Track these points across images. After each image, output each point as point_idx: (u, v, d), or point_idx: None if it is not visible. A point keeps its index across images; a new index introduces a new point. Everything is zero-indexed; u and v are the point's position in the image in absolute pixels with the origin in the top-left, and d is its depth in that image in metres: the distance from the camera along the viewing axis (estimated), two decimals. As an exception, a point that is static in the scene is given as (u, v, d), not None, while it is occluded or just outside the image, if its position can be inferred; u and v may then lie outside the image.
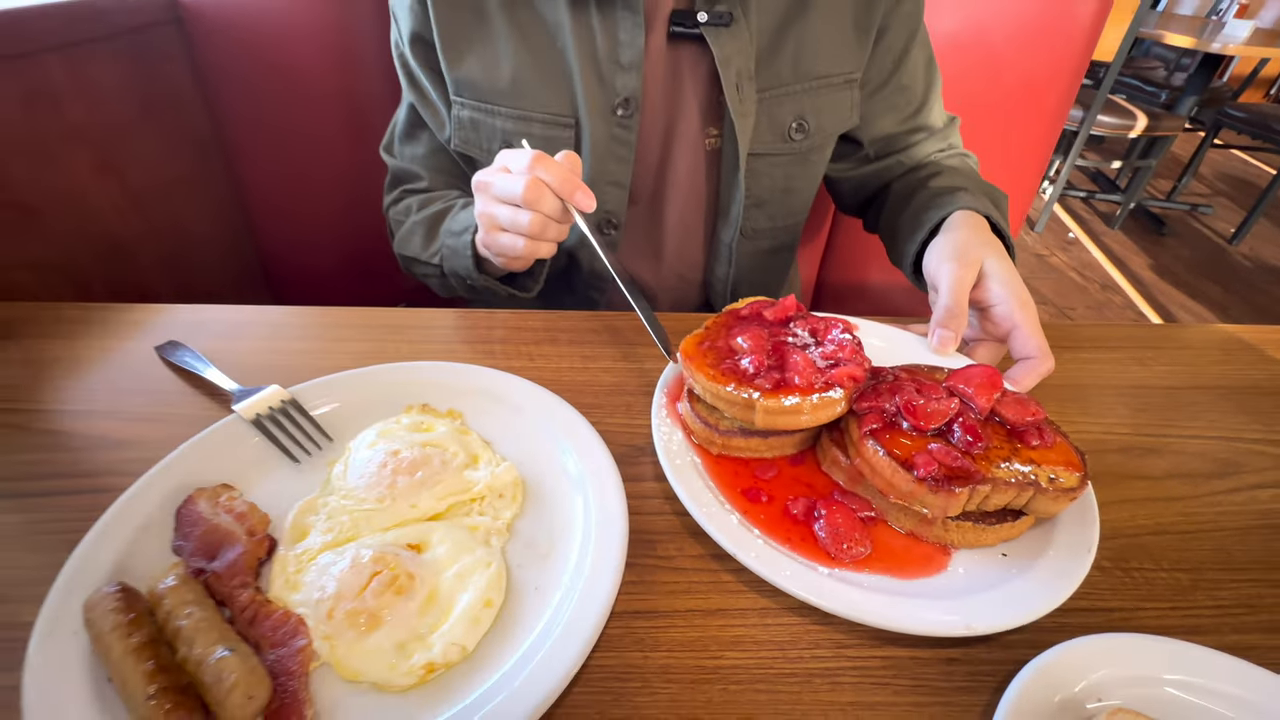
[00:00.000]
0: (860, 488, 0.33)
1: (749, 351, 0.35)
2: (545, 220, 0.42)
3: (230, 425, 0.35)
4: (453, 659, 0.26)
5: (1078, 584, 0.29)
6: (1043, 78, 0.88)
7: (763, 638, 0.29)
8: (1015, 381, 0.39)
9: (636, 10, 0.49)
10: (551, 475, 0.34)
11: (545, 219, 0.42)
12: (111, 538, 0.28)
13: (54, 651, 0.24)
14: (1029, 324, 0.41)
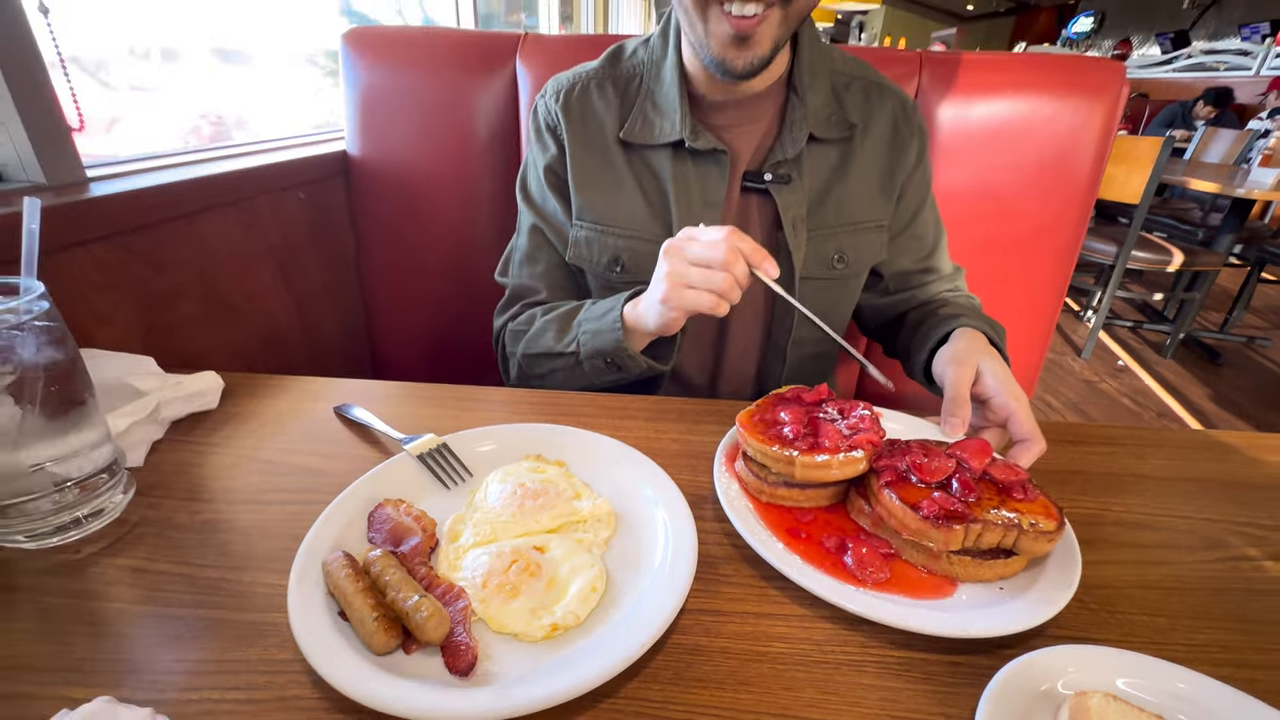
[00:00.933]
0: (881, 530, 0.42)
1: (790, 422, 0.46)
2: (734, 282, 0.52)
3: (401, 460, 0.48)
4: (569, 624, 0.35)
5: (1060, 608, 0.36)
6: (1050, 221, 1.01)
7: (801, 635, 0.37)
8: (1014, 460, 0.48)
9: (722, 165, 0.66)
10: (637, 509, 0.45)
11: (734, 281, 0.52)
12: (329, 527, 0.40)
13: (303, 595, 0.35)
14: (1022, 412, 0.50)
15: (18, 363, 0.38)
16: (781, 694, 0.33)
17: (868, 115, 0.69)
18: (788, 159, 0.66)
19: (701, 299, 0.53)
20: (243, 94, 1.44)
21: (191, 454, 0.52)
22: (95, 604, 0.38)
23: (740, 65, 0.58)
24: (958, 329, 0.62)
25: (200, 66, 1.33)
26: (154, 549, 0.42)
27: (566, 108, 0.70)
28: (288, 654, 0.34)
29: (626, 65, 0.72)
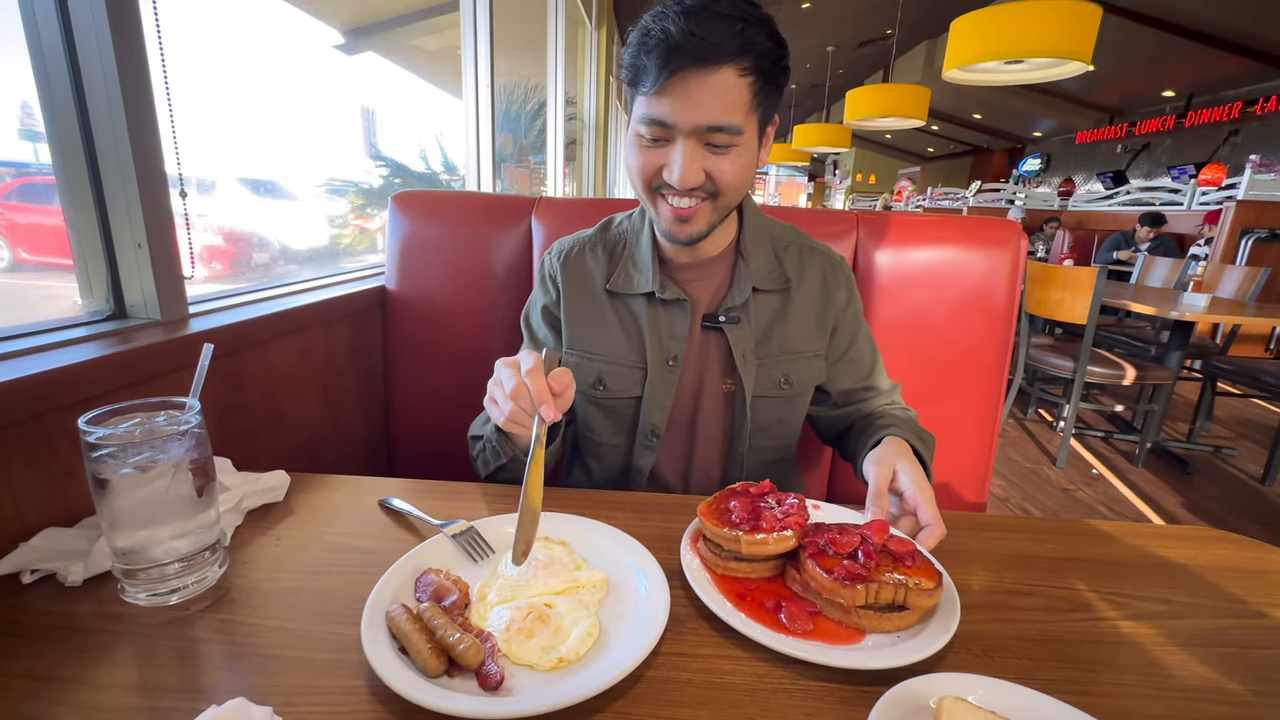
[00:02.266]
0: (808, 593, 0.55)
1: (737, 510, 0.60)
2: (519, 412, 0.62)
3: (439, 539, 0.61)
4: (572, 658, 0.47)
5: (939, 647, 0.48)
6: (977, 345, 1.20)
7: (746, 670, 0.48)
8: (922, 542, 0.61)
9: (685, 310, 0.86)
10: (624, 578, 0.57)
11: (519, 410, 0.62)
12: (387, 588, 0.52)
13: (373, 636, 0.47)
14: (927, 503, 0.64)
15: (173, 458, 0.52)
16: (730, 711, 0.45)
17: (801, 271, 0.90)
18: (736, 305, 0.86)
19: (495, 415, 0.66)
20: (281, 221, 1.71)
21: (266, 537, 0.65)
22: (207, 646, 0.49)
23: (683, 236, 0.77)
24: (885, 437, 0.78)
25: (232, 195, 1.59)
26: (246, 608, 0.54)
27: (565, 265, 0.91)
28: (359, 682, 0.45)
29: (614, 233, 0.93)
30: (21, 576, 0.55)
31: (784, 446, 0.93)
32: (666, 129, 0.69)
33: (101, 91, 0.77)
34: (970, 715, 0.40)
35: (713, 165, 0.71)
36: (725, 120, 0.67)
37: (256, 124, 1.65)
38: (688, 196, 0.73)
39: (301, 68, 2.01)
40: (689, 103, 0.67)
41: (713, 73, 0.65)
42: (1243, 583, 0.64)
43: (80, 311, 0.83)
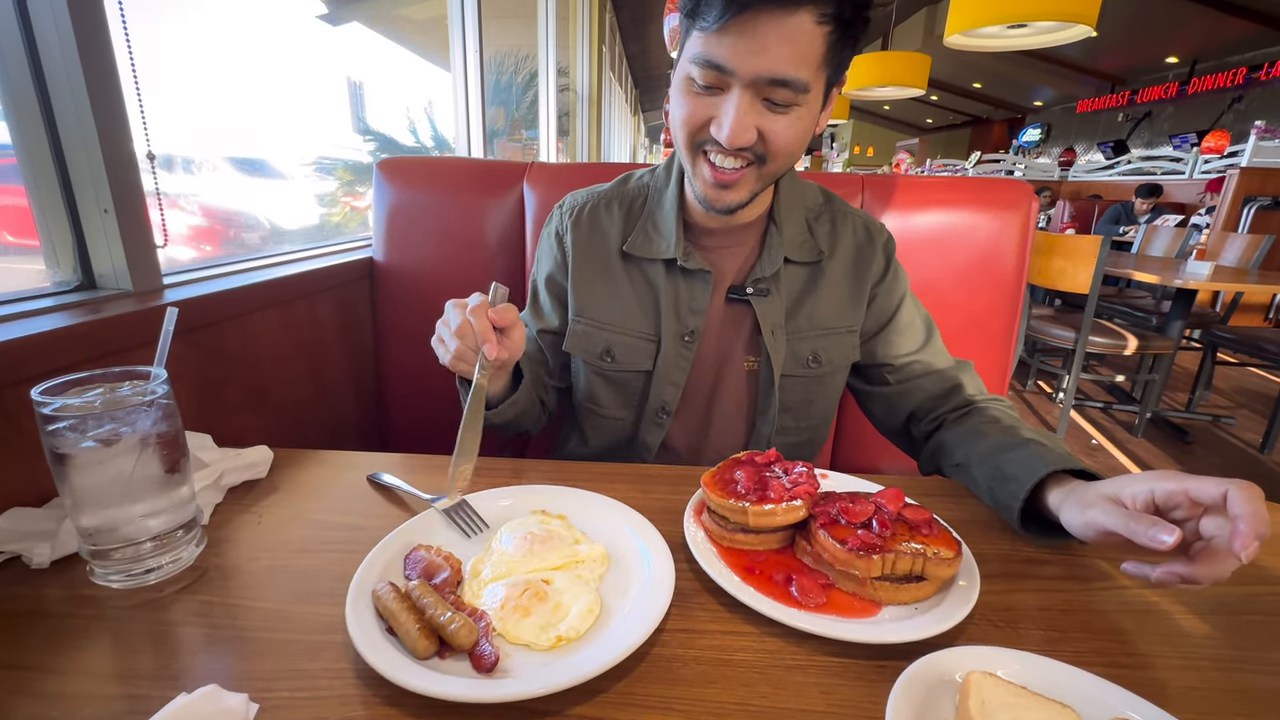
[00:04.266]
0: (820, 565, 0.52)
1: (743, 480, 0.56)
2: (464, 350, 0.62)
3: (430, 514, 0.57)
4: (571, 636, 0.44)
5: (959, 620, 0.46)
6: (983, 311, 1.17)
7: (757, 647, 0.46)
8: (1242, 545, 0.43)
9: (708, 284, 0.79)
10: (627, 552, 0.54)
11: (464, 349, 0.62)
12: (373, 566, 0.49)
13: (358, 616, 0.44)
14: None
15: (139, 431, 0.48)
16: (740, 689, 0.42)
17: (833, 242, 0.83)
18: (766, 277, 0.79)
19: (441, 355, 0.66)
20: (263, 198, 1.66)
21: (247, 514, 0.61)
22: (183, 629, 0.46)
23: (720, 205, 0.70)
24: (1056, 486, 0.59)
25: (221, 174, 1.54)
26: (224, 588, 0.51)
27: (576, 221, 0.84)
28: (344, 664, 0.43)
29: (633, 187, 0.85)
30: (-15, 559, 0.52)
31: (812, 428, 0.87)
32: (723, 75, 0.60)
33: (57, 53, 0.71)
34: (1000, 691, 0.37)
35: (768, 124, 0.63)
36: (792, 74, 0.59)
37: (239, 99, 1.58)
38: (734, 157, 0.65)
39: (284, 39, 1.92)
40: (755, 47, 0.58)
41: (789, 14, 0.56)
42: (1267, 549, 0.62)
43: (46, 282, 0.78)
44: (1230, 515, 0.44)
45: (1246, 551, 0.42)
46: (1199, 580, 0.45)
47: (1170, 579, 0.46)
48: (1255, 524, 0.43)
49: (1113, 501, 0.51)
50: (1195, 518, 0.48)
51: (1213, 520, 0.46)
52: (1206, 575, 0.45)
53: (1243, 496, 0.44)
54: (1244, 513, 0.43)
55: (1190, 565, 0.46)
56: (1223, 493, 0.45)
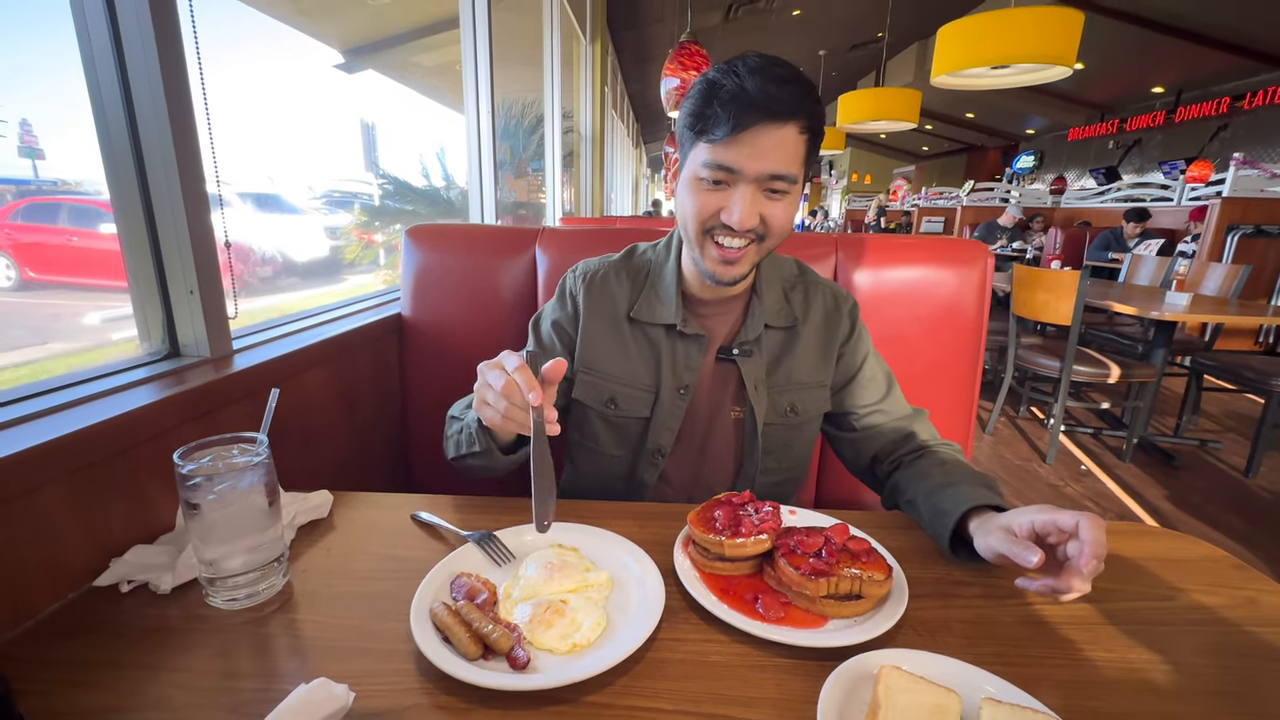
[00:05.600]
0: (781, 587, 0.65)
1: (721, 518, 0.70)
2: (514, 409, 0.65)
3: (468, 548, 0.71)
4: (584, 643, 0.57)
5: (887, 629, 0.59)
6: (948, 358, 1.31)
7: (729, 651, 0.59)
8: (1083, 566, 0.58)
9: (702, 346, 0.93)
10: (627, 578, 0.68)
11: (513, 408, 0.65)
12: (428, 589, 0.63)
13: (421, 628, 0.57)
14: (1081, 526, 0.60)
15: (249, 485, 0.62)
16: (714, 683, 0.55)
17: (806, 309, 0.97)
18: (750, 340, 0.93)
19: (490, 416, 0.68)
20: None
21: (317, 549, 0.75)
22: (283, 640, 0.60)
23: (726, 278, 0.83)
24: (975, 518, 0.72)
25: (241, 213, 1.68)
26: (310, 609, 0.64)
27: (589, 286, 0.96)
28: (411, 666, 0.56)
29: (638, 261, 0.98)
30: (120, 587, 0.65)
31: (792, 468, 1.01)
32: (731, 174, 0.75)
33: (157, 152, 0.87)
34: (902, 679, 0.50)
35: (767, 210, 0.78)
36: (785, 170, 0.75)
37: (263, 144, 1.74)
38: (740, 238, 0.79)
39: (303, 87, 2.10)
40: (757, 152, 0.74)
41: (780, 127, 0.73)
42: (1164, 570, 0.74)
43: (140, 352, 0.94)
44: (1079, 540, 0.58)
45: (1088, 568, 0.57)
46: (1063, 590, 0.59)
47: (1044, 589, 0.61)
48: (1094, 548, 0.58)
49: (1005, 530, 0.65)
50: (1063, 542, 0.62)
51: (1074, 544, 0.60)
52: (1067, 586, 0.59)
53: (1087, 525, 0.59)
54: (1087, 539, 0.59)
55: (1057, 579, 0.60)
56: (1075, 523, 0.60)
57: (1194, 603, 0.69)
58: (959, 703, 0.49)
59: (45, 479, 0.63)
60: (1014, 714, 0.47)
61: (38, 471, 0.62)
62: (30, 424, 0.68)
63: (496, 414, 0.67)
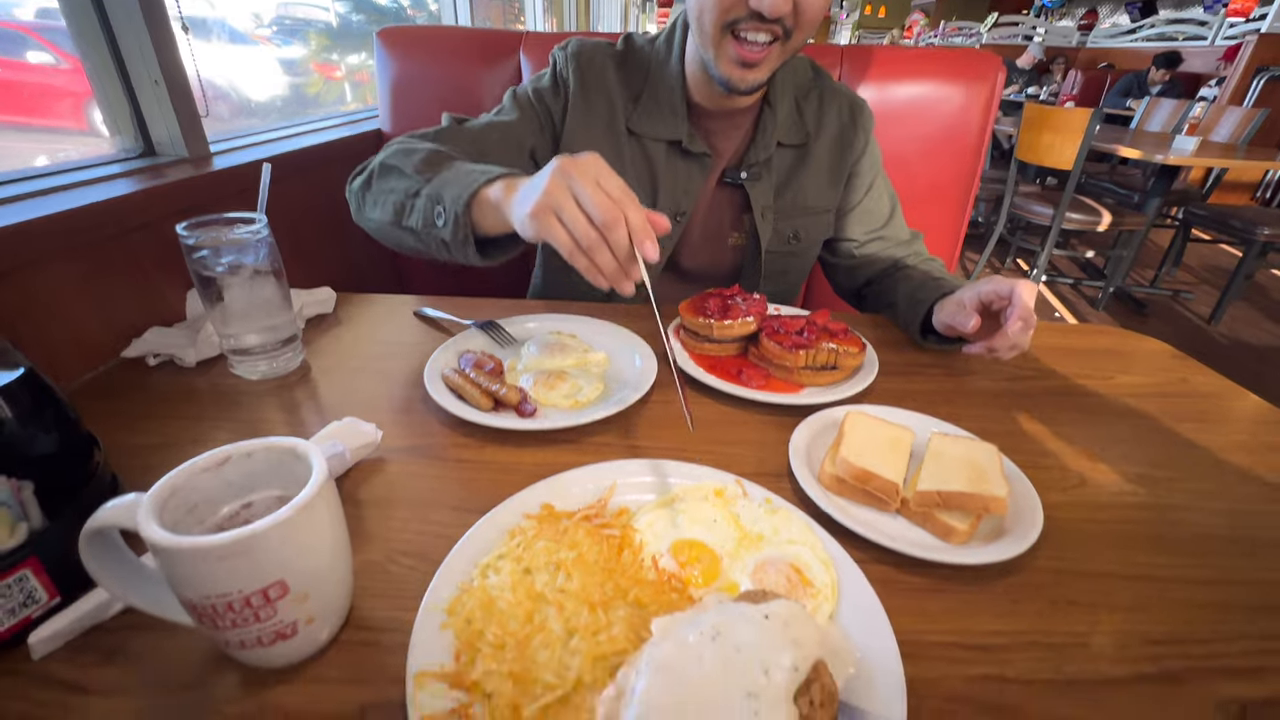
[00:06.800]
0: (762, 364, 0.71)
1: (712, 306, 0.74)
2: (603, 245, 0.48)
3: (471, 331, 0.76)
4: (586, 401, 0.63)
5: (860, 390, 0.66)
6: (945, 180, 1.29)
7: (714, 411, 0.66)
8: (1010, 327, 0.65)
9: (705, 167, 0.86)
10: (622, 356, 0.73)
11: (603, 243, 0.48)
12: (437, 362, 0.68)
13: (435, 388, 0.63)
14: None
15: (256, 262, 0.64)
16: (702, 433, 0.62)
17: (819, 122, 0.87)
18: (759, 161, 0.85)
19: (561, 239, 0.50)
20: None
21: (327, 336, 0.79)
22: (308, 401, 0.66)
23: (744, 85, 0.73)
24: None
25: None
26: (328, 381, 0.70)
27: (582, 69, 0.83)
28: (428, 417, 0.62)
29: (638, 55, 0.86)
30: (147, 360, 0.70)
31: (782, 293, 0.98)
32: None
33: None
34: (864, 419, 0.57)
35: None
36: None
37: None
38: (765, 32, 0.69)
39: None
40: None
41: None
42: (1107, 359, 0.82)
43: (113, 149, 0.90)
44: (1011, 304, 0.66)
45: (1013, 329, 0.65)
46: (996, 348, 0.68)
47: (980, 349, 0.69)
48: (1020, 310, 0.65)
49: (955, 303, 0.71)
50: (1004, 308, 0.68)
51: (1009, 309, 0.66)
52: (1000, 345, 0.67)
53: (1019, 292, 0.65)
54: (1017, 303, 0.65)
55: (989, 340, 0.67)
56: (1011, 289, 0.66)
57: (1130, 381, 0.76)
58: (912, 436, 0.56)
59: (50, 252, 0.65)
60: (958, 442, 0.54)
61: (40, 242, 0.63)
62: (23, 203, 0.68)
63: (577, 244, 0.49)
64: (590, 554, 0.42)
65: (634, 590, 0.40)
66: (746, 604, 0.37)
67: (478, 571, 0.42)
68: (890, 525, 0.50)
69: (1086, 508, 0.54)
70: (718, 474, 0.51)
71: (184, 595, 0.32)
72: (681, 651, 0.35)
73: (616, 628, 0.37)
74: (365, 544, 0.47)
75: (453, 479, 0.54)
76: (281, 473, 0.38)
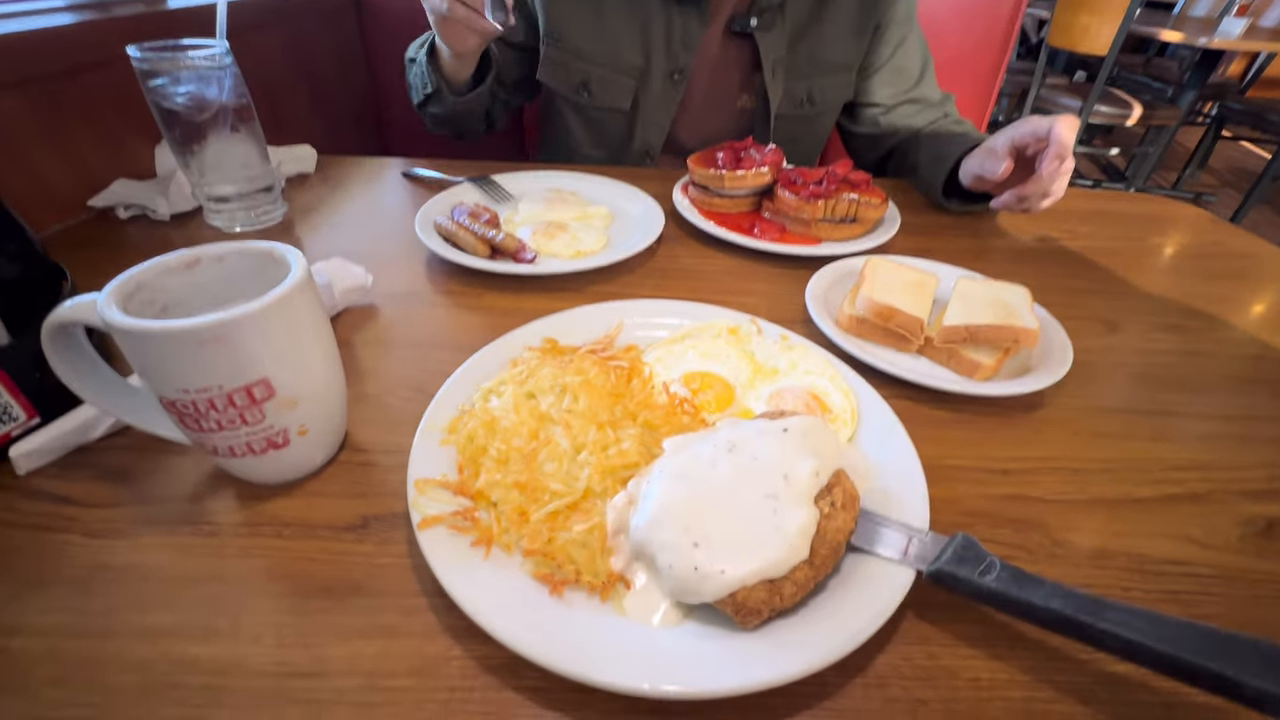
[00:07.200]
0: (778, 216, 0.66)
1: (723, 158, 0.68)
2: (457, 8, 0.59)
3: (465, 185, 0.70)
4: (589, 251, 0.59)
5: (883, 242, 0.62)
6: (971, 49, 1.18)
7: (724, 263, 0.62)
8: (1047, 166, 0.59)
9: (704, 14, 0.74)
10: (626, 211, 0.68)
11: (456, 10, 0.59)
12: (430, 212, 0.63)
13: (428, 235, 0.59)
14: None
15: (221, 96, 0.58)
16: (712, 283, 0.59)
17: None
18: (771, 5, 0.74)
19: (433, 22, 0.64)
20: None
21: (311, 195, 0.74)
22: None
23: None
24: None
25: None
26: (313, 230, 0.65)
27: None
28: (421, 267, 0.59)
29: None
30: (118, 213, 0.65)
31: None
32: None
33: None
34: (886, 264, 0.54)
35: None
36: None
37: None
38: None
39: None
40: None
41: None
42: (1143, 223, 0.77)
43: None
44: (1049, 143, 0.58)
45: (1049, 168, 0.57)
46: (1026, 194, 0.61)
47: (1009, 199, 0.63)
48: (1057, 147, 0.57)
49: (985, 150, 0.64)
50: (1040, 151, 0.60)
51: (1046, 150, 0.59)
52: (1032, 192, 0.60)
53: (1058, 129, 0.57)
54: (1055, 140, 0.57)
55: (1021, 187, 0.61)
56: (1049, 127, 0.58)
57: (1165, 242, 0.72)
58: (936, 281, 0.53)
59: (-4, 83, 0.58)
60: (987, 284, 0.51)
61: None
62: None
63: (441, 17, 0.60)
64: (598, 380, 0.40)
65: (644, 414, 0.38)
66: (764, 420, 0.35)
67: (479, 395, 0.39)
68: (912, 363, 0.47)
69: (1115, 353, 0.52)
70: (731, 313, 0.48)
71: (163, 393, 0.30)
72: (696, 462, 0.33)
73: (627, 443, 0.35)
74: (361, 379, 0.45)
75: (450, 322, 0.52)
76: (262, 281, 0.34)
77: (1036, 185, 0.59)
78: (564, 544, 0.31)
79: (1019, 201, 0.61)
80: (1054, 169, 0.57)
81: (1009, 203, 0.62)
